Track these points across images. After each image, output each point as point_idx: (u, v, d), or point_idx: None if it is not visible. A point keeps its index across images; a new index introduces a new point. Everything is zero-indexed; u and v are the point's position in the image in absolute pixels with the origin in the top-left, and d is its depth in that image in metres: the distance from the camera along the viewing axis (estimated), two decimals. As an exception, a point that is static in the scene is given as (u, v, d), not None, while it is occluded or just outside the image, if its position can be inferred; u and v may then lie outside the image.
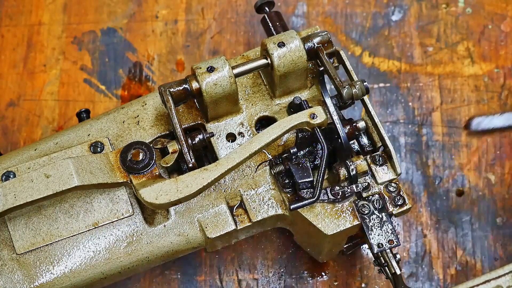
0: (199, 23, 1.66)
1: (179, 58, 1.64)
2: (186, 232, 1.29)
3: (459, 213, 1.52)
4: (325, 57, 1.29)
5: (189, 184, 1.20)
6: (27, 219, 1.27)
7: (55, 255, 1.27)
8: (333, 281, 1.49)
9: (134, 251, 1.28)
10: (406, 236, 1.51)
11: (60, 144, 1.32)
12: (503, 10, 1.65)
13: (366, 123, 1.30)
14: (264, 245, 1.51)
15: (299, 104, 1.29)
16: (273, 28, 1.40)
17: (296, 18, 1.66)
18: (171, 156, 1.24)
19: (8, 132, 1.59)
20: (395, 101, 1.60)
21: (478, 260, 1.49)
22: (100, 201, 1.28)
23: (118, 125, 1.33)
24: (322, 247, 1.34)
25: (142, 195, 1.20)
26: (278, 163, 1.30)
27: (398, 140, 1.57)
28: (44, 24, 1.66)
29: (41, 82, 1.63)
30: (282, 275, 1.50)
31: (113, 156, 1.25)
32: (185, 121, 1.32)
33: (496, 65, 1.62)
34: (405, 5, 1.66)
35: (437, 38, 1.64)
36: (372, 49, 1.64)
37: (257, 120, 1.33)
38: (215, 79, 1.26)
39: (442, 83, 1.61)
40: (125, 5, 1.68)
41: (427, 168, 1.55)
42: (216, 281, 1.49)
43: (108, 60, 1.64)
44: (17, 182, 1.19)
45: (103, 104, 1.61)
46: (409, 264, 1.50)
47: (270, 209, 1.29)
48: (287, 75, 1.30)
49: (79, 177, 1.20)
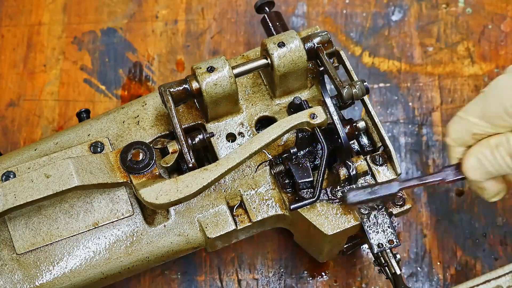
0: (199, 23, 1.66)
1: (179, 58, 1.64)
2: (186, 232, 1.29)
3: (459, 213, 1.52)
4: (325, 57, 1.29)
5: (189, 184, 1.20)
6: (27, 219, 1.27)
7: (55, 255, 1.27)
8: (333, 281, 1.49)
9: (134, 251, 1.28)
10: (406, 236, 1.51)
11: (60, 144, 1.32)
12: (503, 10, 1.65)
13: (366, 123, 1.30)
14: (264, 245, 1.51)
15: (299, 104, 1.29)
16: (273, 28, 1.40)
17: (296, 18, 1.66)
18: (171, 156, 1.24)
19: (8, 132, 1.59)
20: (395, 101, 1.60)
21: (478, 260, 1.49)
22: (100, 201, 1.28)
23: (118, 125, 1.33)
24: (322, 247, 1.34)
25: (142, 195, 1.20)
26: (278, 163, 1.30)
27: (398, 140, 1.57)
28: (44, 24, 1.66)
29: (41, 82, 1.63)
30: (282, 275, 1.50)
31: (113, 156, 1.25)
32: (185, 121, 1.32)
33: (496, 65, 1.62)
34: (405, 5, 1.66)
35: (437, 38, 1.64)
36: (372, 49, 1.64)
37: (257, 120, 1.33)
38: (215, 79, 1.26)
39: (442, 83, 1.61)
40: (125, 5, 1.68)
41: (427, 168, 1.55)
42: (216, 281, 1.49)
43: (108, 60, 1.64)
44: (17, 182, 1.19)
45: (103, 104, 1.61)
46: (409, 264, 1.50)
47: (270, 209, 1.29)
48: (287, 75, 1.30)
49: (79, 177, 1.20)
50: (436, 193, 1.53)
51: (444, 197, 1.53)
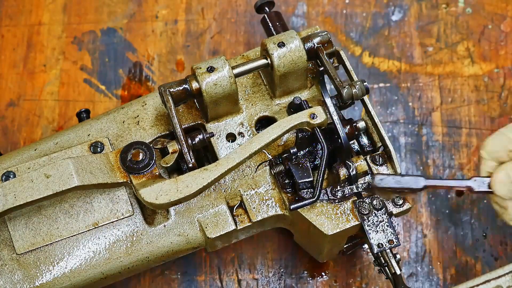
0: (199, 23, 1.66)
1: (179, 58, 1.64)
2: (186, 232, 1.29)
3: (459, 213, 1.52)
4: (325, 57, 1.29)
5: (189, 184, 1.20)
6: (27, 219, 1.27)
7: (55, 255, 1.27)
8: (333, 281, 1.49)
9: (134, 251, 1.28)
10: (406, 236, 1.51)
11: (60, 144, 1.32)
12: (503, 10, 1.65)
13: (366, 123, 1.30)
14: (264, 245, 1.51)
15: (299, 104, 1.29)
16: (273, 28, 1.40)
17: (296, 18, 1.66)
18: (171, 156, 1.24)
19: (8, 132, 1.59)
20: (395, 101, 1.60)
21: (478, 260, 1.49)
22: (100, 201, 1.28)
23: (118, 125, 1.33)
24: (322, 247, 1.34)
25: (142, 195, 1.20)
26: (278, 163, 1.30)
27: (398, 140, 1.57)
28: (44, 24, 1.66)
29: (41, 82, 1.63)
30: (282, 275, 1.50)
31: (113, 156, 1.25)
32: (185, 121, 1.32)
33: (496, 65, 1.62)
34: (405, 5, 1.66)
35: (437, 38, 1.64)
36: (372, 49, 1.64)
37: (257, 120, 1.33)
38: (215, 79, 1.26)
39: (442, 83, 1.61)
40: (125, 5, 1.68)
41: (427, 168, 1.55)
42: (216, 281, 1.49)
43: (108, 60, 1.64)
44: (17, 182, 1.19)
45: (103, 104, 1.61)
46: (409, 264, 1.50)
47: (270, 209, 1.29)
48: (287, 75, 1.30)
49: (79, 177, 1.20)
50: (436, 193, 1.53)
51: (444, 197, 1.53)
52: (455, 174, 1.54)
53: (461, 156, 1.56)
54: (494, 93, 1.60)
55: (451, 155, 1.56)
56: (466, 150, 1.56)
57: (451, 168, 1.55)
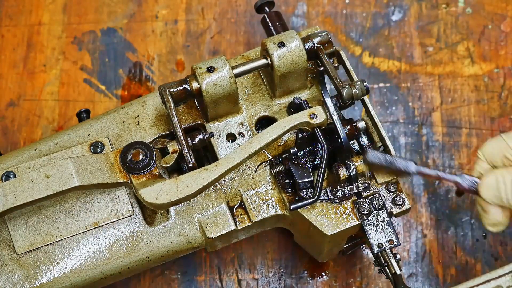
0: (199, 23, 1.66)
1: (179, 58, 1.64)
2: (186, 232, 1.29)
3: (459, 213, 1.52)
4: (325, 57, 1.29)
5: (189, 184, 1.20)
6: (27, 219, 1.27)
7: (55, 255, 1.27)
8: (333, 281, 1.49)
9: (134, 251, 1.28)
10: (406, 236, 1.51)
11: (60, 144, 1.32)
12: (503, 10, 1.65)
13: (366, 123, 1.30)
14: (264, 245, 1.51)
15: (299, 104, 1.29)
16: (273, 28, 1.40)
17: (296, 18, 1.66)
18: (171, 156, 1.24)
19: (8, 132, 1.59)
20: (395, 101, 1.60)
21: (478, 260, 1.49)
22: (100, 201, 1.28)
23: (118, 125, 1.33)
24: (322, 247, 1.34)
25: (142, 195, 1.20)
26: (278, 163, 1.30)
27: (398, 140, 1.57)
28: (44, 24, 1.67)
29: (41, 82, 1.63)
30: (282, 275, 1.50)
31: (113, 156, 1.25)
32: (185, 121, 1.32)
33: (496, 65, 1.62)
34: (405, 5, 1.66)
35: (437, 38, 1.64)
36: (372, 49, 1.64)
37: (257, 120, 1.33)
38: (215, 79, 1.26)
39: (442, 83, 1.61)
40: (125, 5, 1.68)
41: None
42: (216, 281, 1.49)
43: (108, 60, 1.64)
44: (17, 182, 1.19)
45: (103, 104, 1.61)
46: (409, 264, 1.50)
47: (270, 209, 1.29)
48: (287, 75, 1.30)
49: (79, 177, 1.20)
50: (436, 193, 1.53)
51: (444, 197, 1.53)
52: (454, 174, 1.54)
53: (461, 156, 1.56)
54: (494, 93, 1.60)
55: (451, 155, 1.56)
56: (466, 150, 1.56)
57: (451, 168, 1.55)
